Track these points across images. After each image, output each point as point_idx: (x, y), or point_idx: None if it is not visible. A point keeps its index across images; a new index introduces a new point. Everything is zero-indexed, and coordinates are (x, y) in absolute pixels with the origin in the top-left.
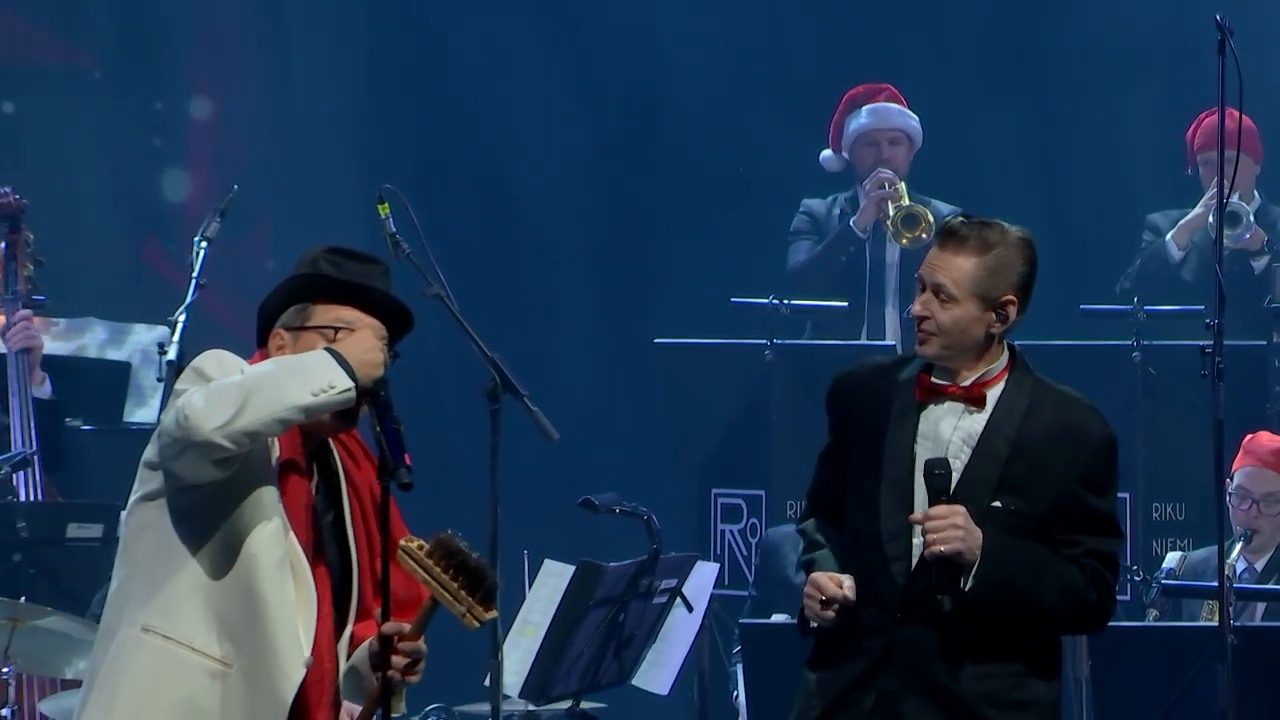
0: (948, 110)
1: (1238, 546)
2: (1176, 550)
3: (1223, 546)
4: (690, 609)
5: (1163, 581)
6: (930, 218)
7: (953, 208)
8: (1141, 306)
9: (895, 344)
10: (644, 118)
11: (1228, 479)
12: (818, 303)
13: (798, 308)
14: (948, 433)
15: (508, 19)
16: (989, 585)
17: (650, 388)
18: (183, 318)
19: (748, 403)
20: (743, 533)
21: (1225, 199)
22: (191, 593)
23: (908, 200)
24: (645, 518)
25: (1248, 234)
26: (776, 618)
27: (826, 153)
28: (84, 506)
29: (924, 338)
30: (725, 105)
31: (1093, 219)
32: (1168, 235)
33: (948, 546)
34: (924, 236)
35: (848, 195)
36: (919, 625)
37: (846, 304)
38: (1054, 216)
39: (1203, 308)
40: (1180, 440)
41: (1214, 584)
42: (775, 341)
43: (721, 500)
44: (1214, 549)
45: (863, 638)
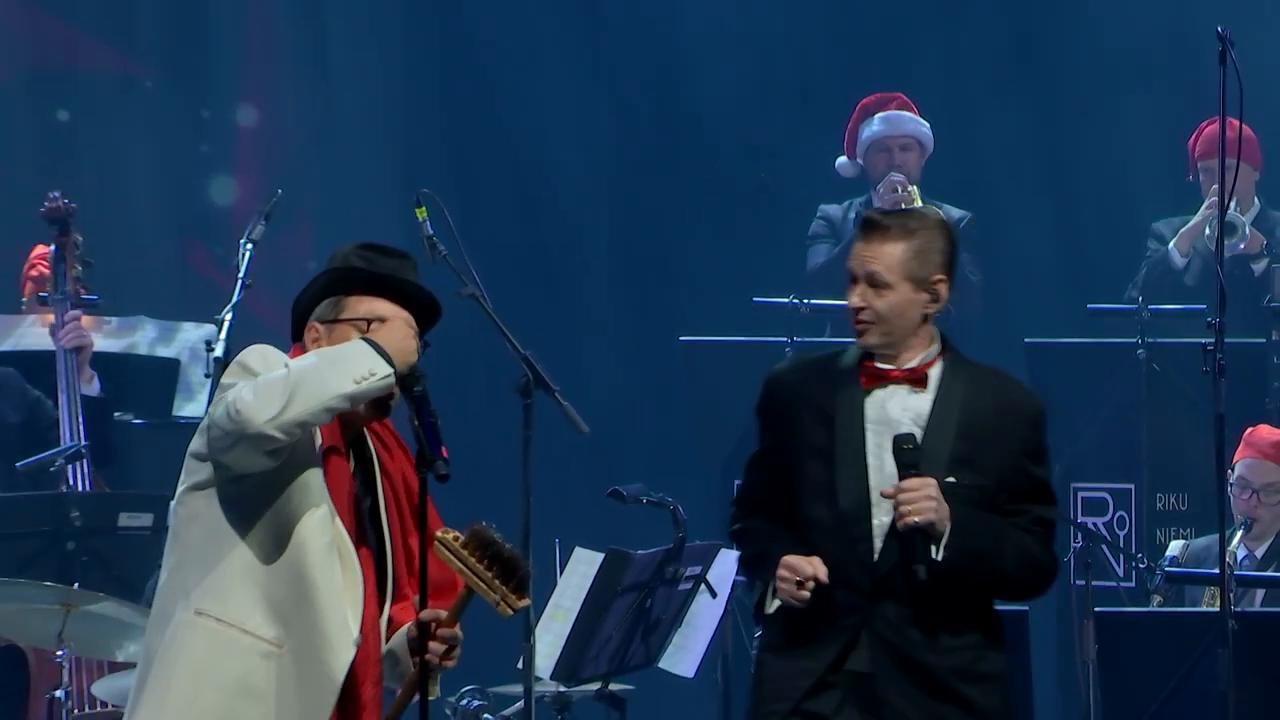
0: (958, 117)
1: (1238, 535)
2: (1179, 539)
3: (1224, 535)
4: (714, 595)
5: (1166, 569)
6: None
7: (963, 212)
8: (1146, 306)
9: None
10: (670, 125)
11: (1229, 470)
12: (836, 302)
13: (817, 307)
14: (896, 414)
15: (540, 29)
16: (959, 554)
17: (675, 384)
18: (229, 316)
19: None
20: None
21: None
22: (243, 577)
23: (919, 203)
24: (671, 508)
25: (1242, 244)
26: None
27: (842, 159)
28: (134, 497)
29: (863, 328)
30: (747, 115)
31: (1098, 222)
32: (1170, 243)
33: (922, 517)
34: None
35: (862, 200)
36: (891, 601)
37: None
38: (1061, 219)
39: (1204, 307)
40: (1183, 433)
41: (1215, 571)
42: (795, 340)
43: None
44: (1215, 537)
45: (836, 618)
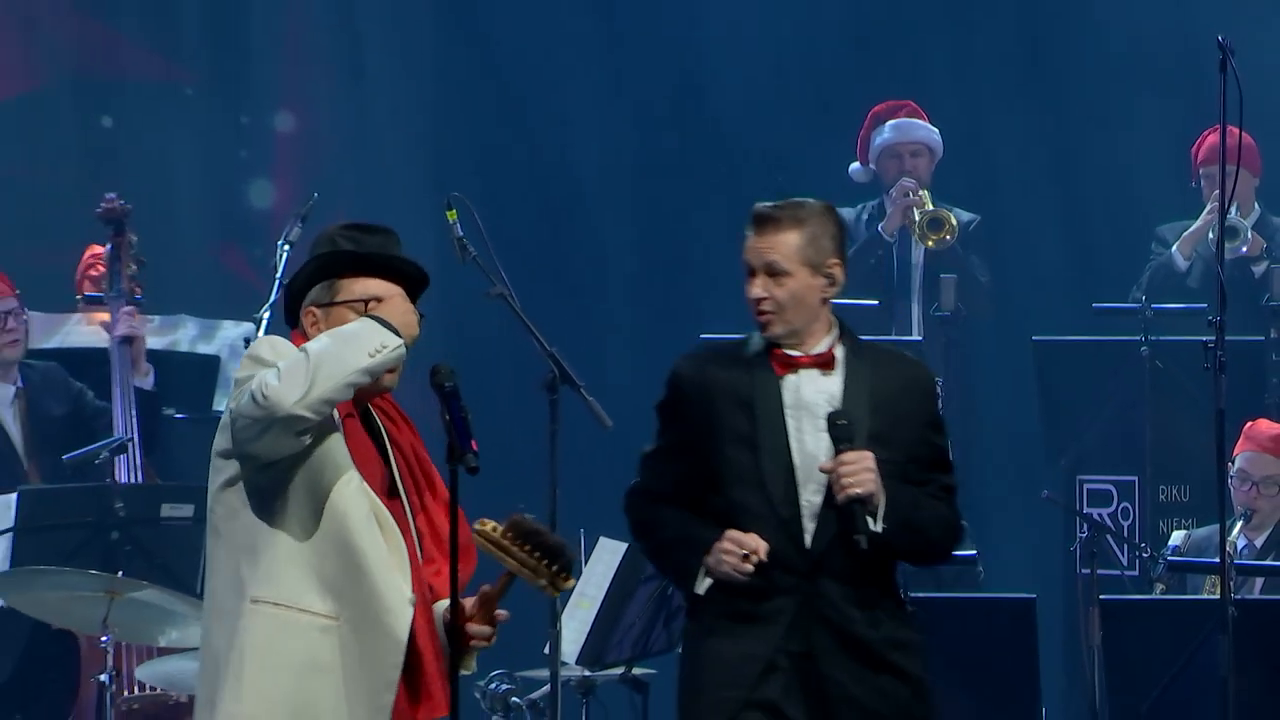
0: (967, 123)
1: (1238, 525)
2: (1181, 529)
3: (1224, 526)
4: None
5: (1169, 558)
6: (953, 220)
7: (972, 215)
8: (1149, 305)
9: (920, 338)
10: (689, 131)
11: (1229, 463)
12: (851, 301)
13: (833, 306)
14: (811, 397)
15: (564, 37)
16: (893, 524)
17: None
18: (267, 314)
19: None
20: None
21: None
22: (290, 558)
23: (931, 205)
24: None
25: (1244, 247)
26: None
27: (855, 165)
28: (176, 488)
29: (768, 319)
30: (763, 122)
31: (1104, 224)
32: (1173, 247)
33: (864, 488)
34: (948, 238)
35: (875, 204)
36: (825, 579)
37: (877, 302)
38: (1068, 222)
39: (1205, 306)
40: (1185, 428)
41: (1216, 560)
42: None
43: None
44: (1216, 528)
45: (773, 599)
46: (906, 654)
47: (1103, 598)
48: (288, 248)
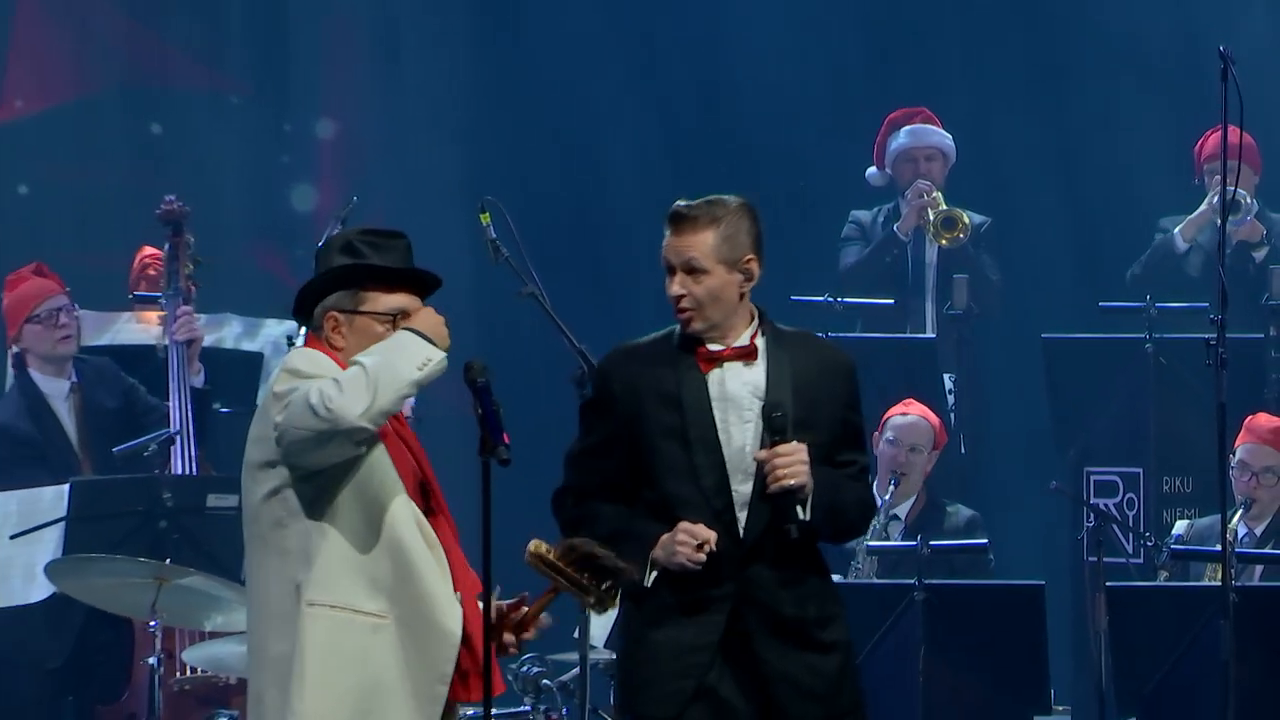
0: (979, 129)
1: (1238, 514)
2: (1184, 519)
3: (1225, 515)
4: None
5: (1172, 546)
6: (966, 219)
7: (984, 217)
8: (1153, 304)
9: (933, 335)
10: (714, 138)
11: (1230, 455)
12: (867, 300)
13: (850, 305)
14: (736, 389)
15: (595, 48)
16: (821, 511)
17: None
18: None
19: None
20: None
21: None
22: (343, 562)
23: (945, 205)
24: None
25: (1249, 217)
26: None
27: (871, 170)
28: (222, 479)
29: (688, 316)
30: (785, 128)
31: (1110, 226)
32: (1175, 229)
33: (797, 480)
34: (961, 236)
35: (890, 206)
36: (759, 565)
37: (892, 301)
38: (1074, 224)
39: (1207, 305)
40: (1187, 422)
41: (1218, 549)
42: (830, 335)
43: None
44: (1217, 517)
45: (712, 587)
46: (833, 627)
47: (1109, 584)
48: None
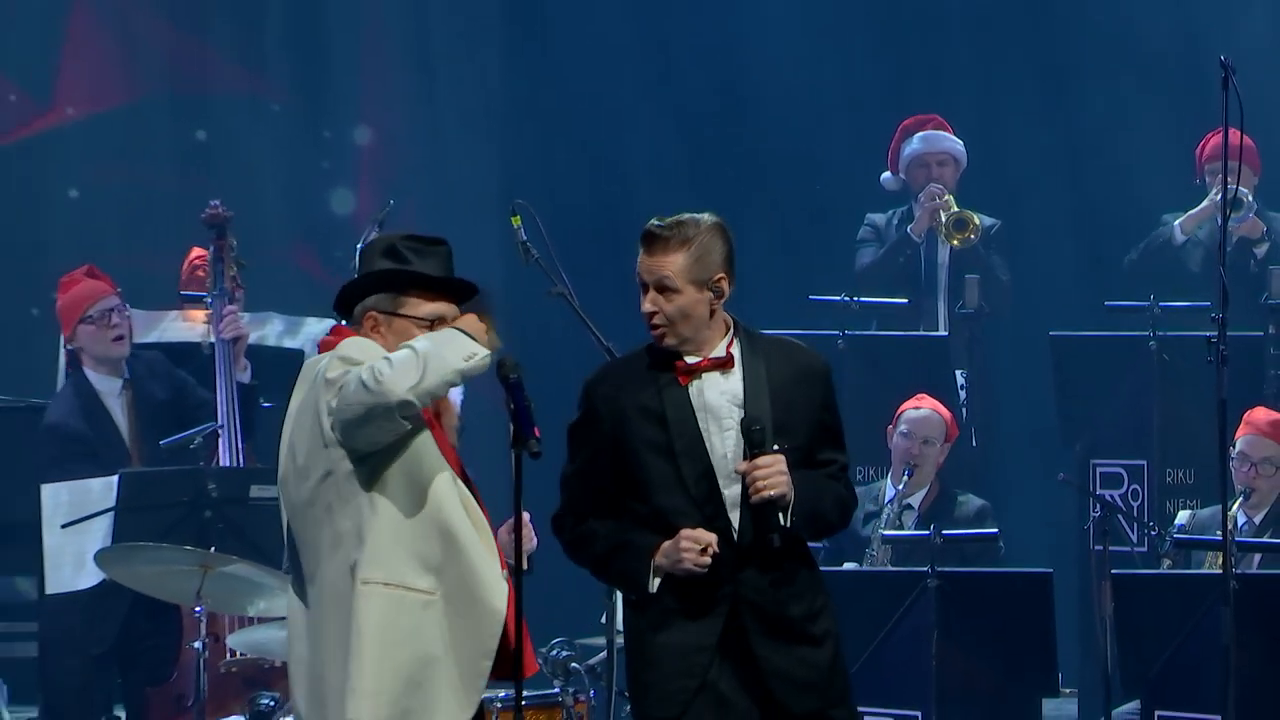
0: (989, 135)
1: (1238, 501)
2: (1187, 509)
3: (1226, 506)
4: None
5: (1175, 536)
6: (977, 220)
7: (994, 220)
8: (1157, 303)
9: (945, 333)
10: (733, 144)
11: (1230, 447)
12: (882, 300)
13: (866, 304)
14: (715, 399)
15: (620, 58)
16: (802, 517)
17: None
18: None
19: None
20: None
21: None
22: (394, 540)
23: (956, 208)
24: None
25: (1251, 213)
26: (847, 566)
27: (886, 174)
28: (264, 471)
29: (660, 332)
30: (803, 134)
31: (1115, 227)
32: (1175, 221)
33: (776, 490)
34: (972, 238)
35: (904, 209)
36: (751, 567)
37: (906, 300)
38: (1080, 226)
39: (1209, 304)
40: (1190, 416)
41: (1219, 538)
42: (847, 332)
43: None
44: (1218, 508)
45: (709, 591)
46: (822, 619)
47: (1114, 572)
48: None
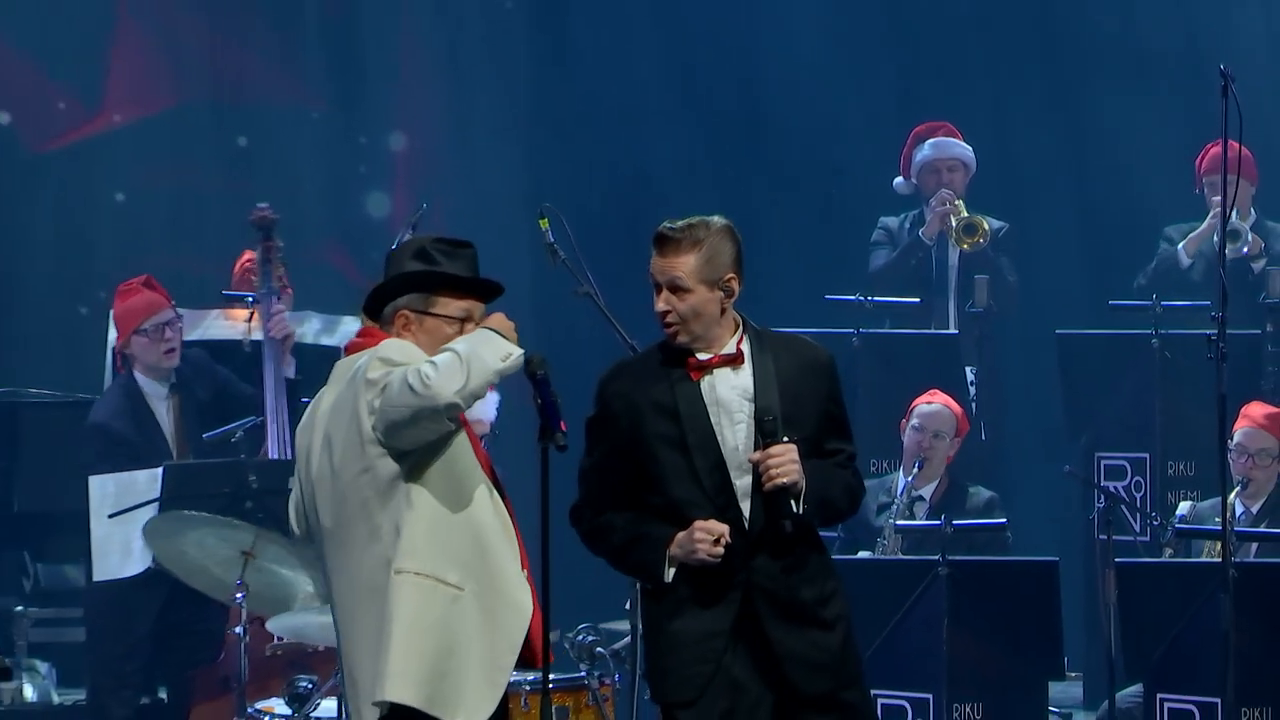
0: (998, 141)
1: (1235, 490)
2: (1187, 500)
3: (1225, 497)
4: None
5: (1176, 526)
6: (986, 225)
7: (1002, 223)
8: (1159, 302)
9: (955, 331)
10: (754, 149)
11: (1229, 439)
12: (896, 299)
13: (879, 303)
14: (726, 394)
15: (643, 65)
16: (813, 505)
17: None
18: None
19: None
20: None
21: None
22: (429, 535)
23: (966, 213)
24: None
25: (1245, 247)
26: (861, 554)
27: (898, 179)
28: None
29: (674, 330)
30: (819, 139)
31: (1118, 230)
32: (1179, 244)
33: (789, 479)
34: (981, 241)
35: (916, 212)
36: (763, 555)
37: (919, 300)
38: (1086, 228)
39: (1209, 303)
40: (1191, 411)
41: (1218, 528)
42: (861, 330)
43: None
44: (1218, 500)
45: (722, 578)
46: (833, 603)
47: (1118, 561)
48: None
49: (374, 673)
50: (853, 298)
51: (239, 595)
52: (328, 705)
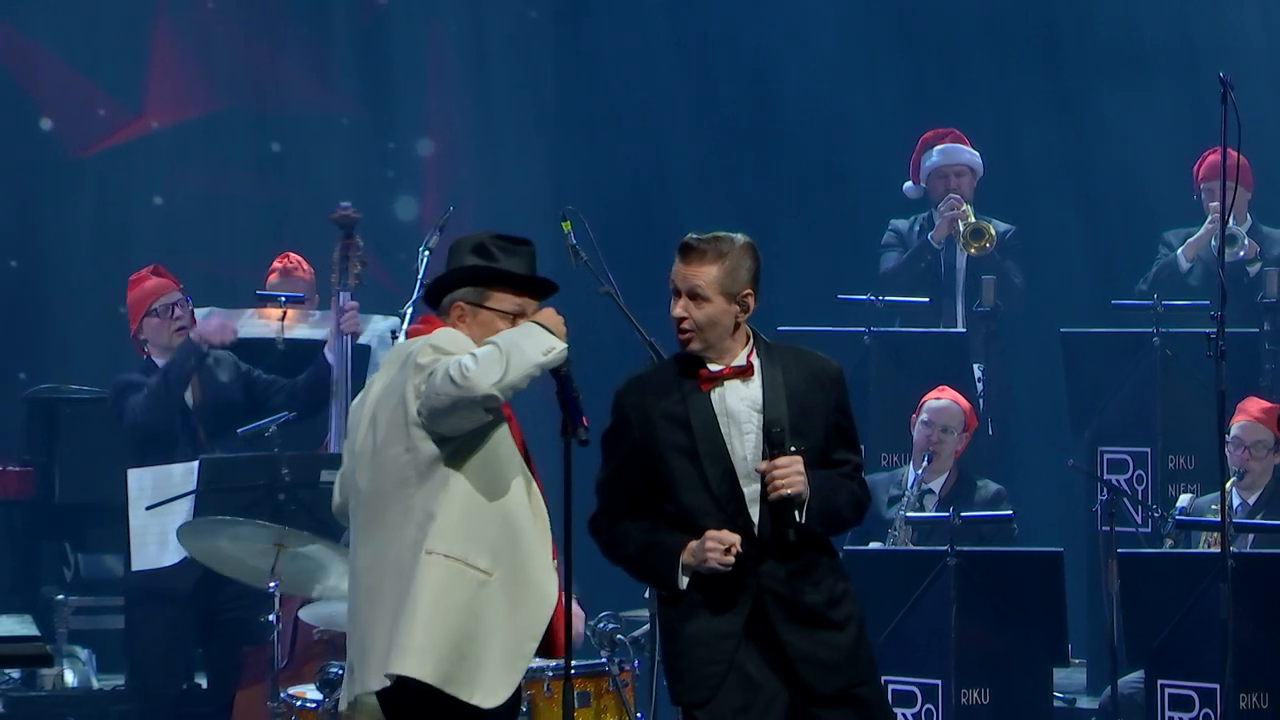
0: (1004, 147)
1: (1232, 480)
2: (1187, 493)
3: (1224, 490)
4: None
5: (1176, 517)
6: (993, 230)
7: (1009, 226)
8: (1160, 301)
9: (964, 330)
10: (769, 153)
11: (1227, 433)
12: (905, 299)
13: (890, 303)
14: (735, 404)
15: (662, 74)
16: (817, 514)
17: None
18: (409, 309)
19: (850, 377)
20: None
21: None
22: (463, 519)
23: (973, 218)
24: None
25: (1243, 252)
26: (872, 545)
27: (908, 184)
28: (333, 457)
29: (687, 337)
30: (831, 145)
31: (1121, 232)
32: (1178, 249)
33: (794, 489)
34: (988, 246)
35: (925, 216)
36: (772, 560)
37: (928, 300)
38: (1090, 230)
39: (1208, 303)
40: (1190, 406)
41: (1217, 520)
42: (872, 329)
43: None
44: (1217, 493)
45: (733, 583)
46: (843, 604)
47: (1120, 551)
48: (427, 253)
49: (389, 643)
50: (864, 298)
51: (272, 584)
52: None
